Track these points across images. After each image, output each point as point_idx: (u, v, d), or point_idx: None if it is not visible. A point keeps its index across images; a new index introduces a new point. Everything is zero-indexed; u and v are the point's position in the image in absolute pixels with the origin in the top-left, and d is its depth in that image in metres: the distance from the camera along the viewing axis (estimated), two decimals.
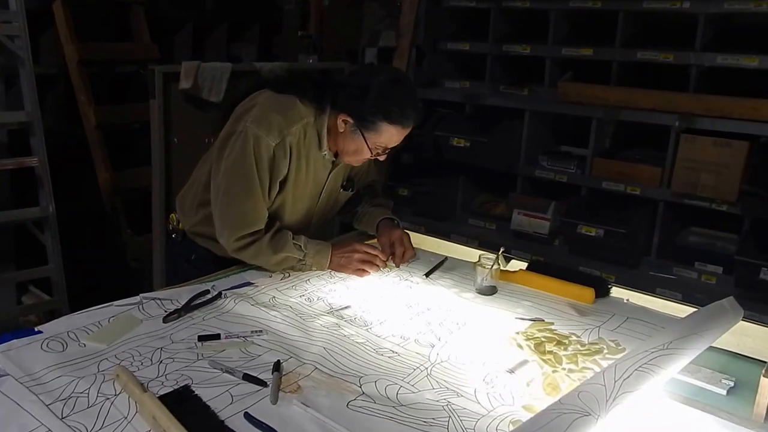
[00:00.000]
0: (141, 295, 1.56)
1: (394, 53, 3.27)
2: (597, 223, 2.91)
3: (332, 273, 1.82)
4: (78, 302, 2.87)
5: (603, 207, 2.98)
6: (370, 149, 1.72)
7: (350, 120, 1.69)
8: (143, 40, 3.43)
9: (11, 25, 2.23)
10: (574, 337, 1.48)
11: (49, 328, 1.38)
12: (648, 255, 2.96)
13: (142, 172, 3.03)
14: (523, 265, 1.88)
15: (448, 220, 3.51)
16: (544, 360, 1.37)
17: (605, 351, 1.42)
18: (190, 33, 4.07)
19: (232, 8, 4.17)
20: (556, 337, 1.46)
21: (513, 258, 1.89)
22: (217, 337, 1.40)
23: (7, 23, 2.23)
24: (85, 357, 1.28)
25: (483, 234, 3.32)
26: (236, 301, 1.57)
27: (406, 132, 1.72)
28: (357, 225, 2.09)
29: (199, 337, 1.39)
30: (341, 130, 1.72)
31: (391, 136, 1.70)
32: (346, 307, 1.60)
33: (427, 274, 1.82)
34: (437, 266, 1.88)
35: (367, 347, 1.40)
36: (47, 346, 1.31)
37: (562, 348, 1.42)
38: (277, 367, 1.26)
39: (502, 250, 1.74)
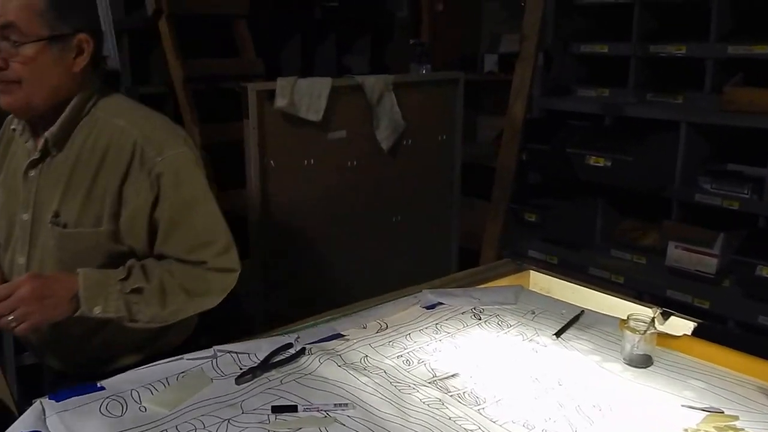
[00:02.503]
0: (215, 347, 1.41)
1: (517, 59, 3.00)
2: None
3: (438, 327, 1.55)
4: None
5: None
6: None
7: None
8: (248, 55, 3.41)
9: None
10: None
11: (112, 383, 1.27)
12: None
13: (243, 194, 2.99)
14: (687, 324, 1.51)
15: (584, 250, 3.18)
16: None
17: None
18: (299, 45, 4.05)
19: (341, 18, 4.10)
20: None
21: (673, 314, 1.52)
22: (294, 408, 1.21)
23: None
24: (142, 425, 1.15)
25: (630, 269, 2.97)
26: (321, 360, 1.37)
27: None
28: None
29: (273, 407, 1.21)
30: None
31: None
32: (452, 376, 1.33)
33: (558, 334, 1.51)
34: (571, 322, 1.56)
35: None
36: (106, 408, 1.19)
37: None
38: None
39: (659, 310, 1.39)
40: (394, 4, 3.95)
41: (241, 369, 1.33)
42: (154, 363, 1.34)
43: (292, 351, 1.41)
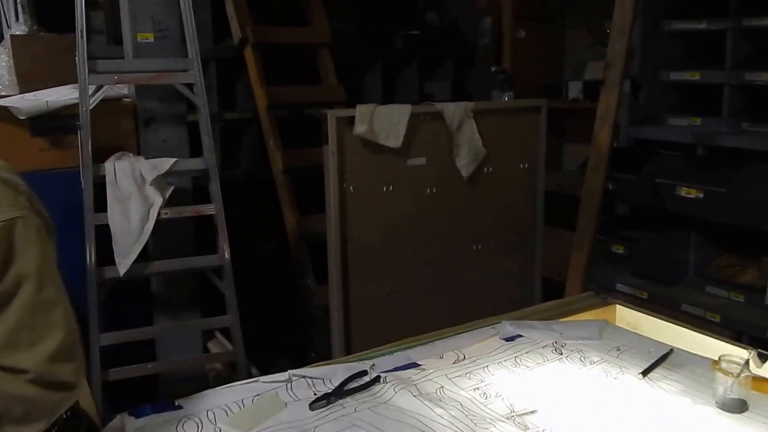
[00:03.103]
0: (290, 371, 1.45)
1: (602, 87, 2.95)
2: None
3: (517, 361, 1.53)
4: (259, 350, 2.99)
5: None
6: None
7: None
8: (330, 83, 3.51)
9: (188, 73, 2.34)
10: None
11: (189, 403, 1.33)
12: None
13: (323, 218, 3.07)
14: None
15: (677, 285, 3.04)
16: None
17: None
18: (380, 73, 4.15)
19: (423, 45, 4.16)
20: None
21: None
22: None
23: (184, 72, 2.35)
24: None
25: (726, 307, 2.82)
26: (396, 389, 1.37)
27: None
28: None
29: None
30: None
31: None
32: (531, 412, 1.31)
33: (645, 373, 1.46)
34: (659, 361, 1.51)
35: None
36: (182, 427, 1.25)
37: None
38: None
39: (755, 351, 1.32)
40: (476, 32, 3.97)
41: (315, 394, 1.35)
42: (230, 384, 1.39)
43: (366, 378, 1.41)
